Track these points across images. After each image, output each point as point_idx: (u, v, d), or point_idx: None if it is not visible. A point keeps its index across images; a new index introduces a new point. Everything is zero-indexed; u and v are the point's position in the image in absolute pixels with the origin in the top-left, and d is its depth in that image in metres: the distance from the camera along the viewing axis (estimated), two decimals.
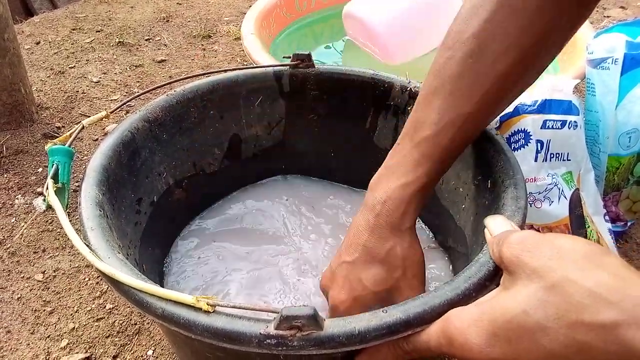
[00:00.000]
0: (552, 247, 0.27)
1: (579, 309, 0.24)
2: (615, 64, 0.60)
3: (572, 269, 0.25)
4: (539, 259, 0.27)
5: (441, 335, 0.29)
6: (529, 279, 0.27)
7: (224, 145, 0.59)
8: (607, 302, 0.23)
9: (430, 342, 0.30)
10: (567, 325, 0.24)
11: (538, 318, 0.25)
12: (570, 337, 0.24)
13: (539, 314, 0.25)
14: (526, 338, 0.26)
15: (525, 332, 0.26)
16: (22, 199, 0.78)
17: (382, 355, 0.32)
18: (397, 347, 0.32)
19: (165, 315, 0.31)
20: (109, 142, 0.46)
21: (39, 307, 0.63)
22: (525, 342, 0.26)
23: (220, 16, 1.38)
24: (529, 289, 0.26)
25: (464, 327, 0.28)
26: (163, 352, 0.58)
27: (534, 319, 0.25)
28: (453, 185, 0.51)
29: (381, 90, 0.55)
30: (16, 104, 0.89)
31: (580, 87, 0.92)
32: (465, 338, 0.28)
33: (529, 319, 0.25)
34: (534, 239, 0.28)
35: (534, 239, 0.28)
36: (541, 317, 0.25)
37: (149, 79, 1.09)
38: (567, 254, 0.26)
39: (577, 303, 0.24)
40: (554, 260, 0.26)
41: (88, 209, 0.39)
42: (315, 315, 0.28)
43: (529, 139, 0.58)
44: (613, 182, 0.66)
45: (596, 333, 0.23)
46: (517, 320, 0.26)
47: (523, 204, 0.39)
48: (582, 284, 0.24)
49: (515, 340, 0.26)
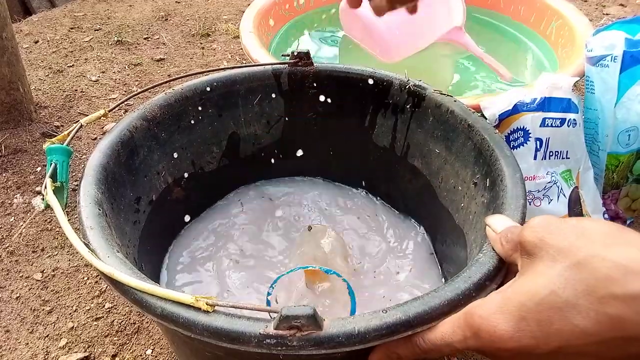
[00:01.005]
0: (575, 227, 0.27)
1: (608, 282, 0.24)
2: (614, 61, 0.60)
3: (598, 246, 0.25)
4: (563, 239, 0.26)
5: (465, 328, 0.29)
6: (554, 259, 0.26)
7: (223, 143, 0.59)
8: (636, 273, 0.23)
9: (453, 338, 0.30)
10: (598, 300, 0.24)
11: (567, 296, 0.25)
12: (601, 312, 0.24)
13: (568, 292, 0.25)
14: (557, 318, 0.25)
15: (555, 312, 0.25)
16: (20, 198, 0.78)
17: (399, 354, 0.32)
18: (415, 346, 0.31)
19: (164, 315, 0.31)
20: (107, 140, 0.46)
21: (38, 307, 0.63)
22: (557, 322, 0.25)
23: (219, 14, 1.37)
24: (555, 269, 0.26)
25: (489, 315, 0.28)
26: (162, 351, 0.58)
27: (563, 298, 0.25)
28: (452, 184, 0.51)
29: (380, 89, 0.55)
30: (15, 103, 0.89)
31: (580, 85, 0.92)
32: (492, 326, 0.27)
33: (558, 299, 0.25)
34: (556, 221, 0.28)
35: (557, 222, 0.28)
36: (570, 295, 0.25)
37: (147, 77, 1.09)
38: (591, 233, 0.26)
39: (606, 277, 0.24)
40: (579, 240, 0.26)
41: (87, 208, 0.39)
42: (314, 315, 0.28)
43: (528, 137, 0.58)
44: (612, 180, 0.66)
45: (628, 305, 0.23)
46: (546, 302, 0.25)
47: (522, 202, 0.39)
48: (609, 258, 0.24)
49: (546, 322, 0.25)
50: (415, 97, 0.53)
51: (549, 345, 0.26)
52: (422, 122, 0.54)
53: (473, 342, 0.28)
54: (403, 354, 0.32)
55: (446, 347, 0.30)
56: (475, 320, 0.28)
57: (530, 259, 0.28)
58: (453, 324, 0.30)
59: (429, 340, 0.31)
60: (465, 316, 0.29)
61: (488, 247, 0.35)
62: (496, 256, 0.34)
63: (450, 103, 0.50)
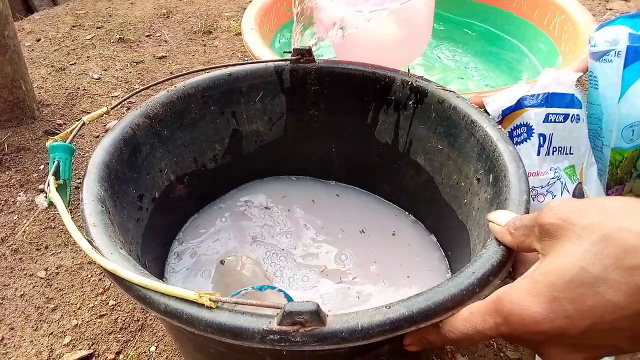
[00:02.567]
0: (595, 205, 0.27)
1: (635, 252, 0.24)
2: (618, 56, 0.60)
3: (621, 219, 0.25)
4: (586, 216, 0.26)
5: (496, 315, 0.28)
6: (579, 237, 0.26)
7: (225, 141, 0.59)
8: None
9: (484, 326, 0.29)
10: (628, 272, 0.24)
11: (597, 272, 0.25)
12: (632, 284, 0.24)
13: (597, 267, 0.25)
14: (589, 295, 0.25)
15: (587, 289, 0.25)
16: (24, 196, 0.78)
17: (430, 340, 0.32)
18: (445, 337, 0.31)
19: (168, 311, 0.31)
20: (110, 138, 0.46)
21: (42, 304, 0.63)
22: (589, 299, 0.25)
23: (220, 12, 1.37)
24: (582, 245, 0.26)
25: (520, 300, 0.27)
26: (166, 348, 0.58)
27: (594, 273, 0.25)
28: (455, 180, 0.51)
29: (382, 85, 0.55)
30: (17, 101, 0.89)
31: (583, 80, 0.92)
32: (524, 310, 0.27)
33: (588, 275, 0.25)
34: (575, 201, 0.28)
35: (576, 202, 0.28)
36: (600, 270, 0.25)
37: (149, 75, 1.09)
38: (611, 208, 0.26)
39: (632, 247, 0.24)
40: (601, 215, 0.26)
41: (90, 205, 0.39)
42: (318, 311, 0.28)
43: (532, 132, 0.58)
44: (616, 176, 0.66)
45: None
46: (577, 279, 0.25)
47: (526, 198, 0.39)
48: (633, 229, 0.24)
49: (579, 300, 0.25)
50: (418, 94, 0.53)
51: (584, 322, 0.25)
52: (424, 119, 0.54)
53: (505, 328, 0.28)
54: (433, 341, 0.32)
55: (478, 336, 0.30)
56: (506, 306, 0.28)
57: (553, 240, 0.28)
58: (483, 312, 0.30)
59: (459, 331, 0.30)
60: (495, 303, 0.29)
61: (491, 243, 0.35)
62: (500, 251, 0.34)
63: (453, 99, 0.50)
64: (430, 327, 0.31)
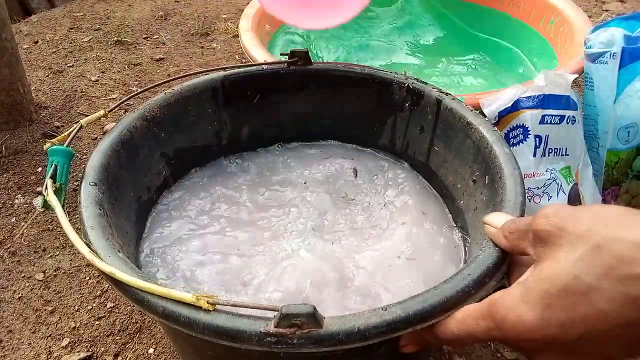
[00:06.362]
0: (589, 213, 0.27)
1: (628, 262, 0.24)
2: (613, 58, 0.60)
3: (614, 228, 0.25)
4: (581, 225, 0.26)
5: (489, 320, 0.29)
6: (573, 245, 0.26)
7: (223, 143, 0.59)
8: None
9: (476, 329, 0.29)
10: (620, 282, 0.24)
11: (590, 281, 0.25)
12: (624, 293, 0.24)
13: (590, 276, 0.25)
14: (582, 303, 0.25)
15: (580, 297, 0.25)
16: (22, 198, 0.78)
17: (427, 340, 0.32)
18: (439, 337, 0.31)
19: (165, 314, 0.31)
20: (107, 141, 0.46)
21: (40, 307, 0.63)
22: (582, 308, 0.25)
23: (218, 14, 1.37)
24: (575, 254, 0.26)
25: (514, 306, 0.27)
26: (164, 350, 0.58)
27: (587, 282, 0.25)
28: (450, 182, 0.51)
29: (379, 87, 0.55)
30: (15, 103, 0.89)
31: (579, 82, 0.92)
32: (517, 317, 0.27)
33: (581, 284, 0.25)
34: (569, 208, 0.28)
35: (570, 209, 0.28)
36: (593, 279, 0.25)
37: (147, 77, 1.09)
38: (605, 216, 0.26)
39: (625, 257, 0.24)
40: (595, 224, 0.26)
41: (88, 207, 0.39)
42: (314, 314, 0.29)
43: (528, 134, 0.58)
44: (612, 177, 0.66)
45: None
46: (569, 287, 0.25)
47: (521, 199, 0.39)
48: (626, 239, 0.24)
49: (572, 308, 0.25)
50: (414, 96, 0.53)
51: (576, 330, 0.26)
52: (421, 121, 0.54)
53: (497, 333, 0.28)
54: (429, 342, 0.32)
55: (470, 339, 0.30)
56: (499, 311, 0.28)
57: (546, 247, 0.28)
58: (477, 316, 0.30)
59: (452, 333, 0.31)
60: (488, 307, 0.29)
61: (487, 244, 0.35)
62: (495, 253, 0.34)
63: (449, 101, 0.50)
64: (426, 328, 0.31)
